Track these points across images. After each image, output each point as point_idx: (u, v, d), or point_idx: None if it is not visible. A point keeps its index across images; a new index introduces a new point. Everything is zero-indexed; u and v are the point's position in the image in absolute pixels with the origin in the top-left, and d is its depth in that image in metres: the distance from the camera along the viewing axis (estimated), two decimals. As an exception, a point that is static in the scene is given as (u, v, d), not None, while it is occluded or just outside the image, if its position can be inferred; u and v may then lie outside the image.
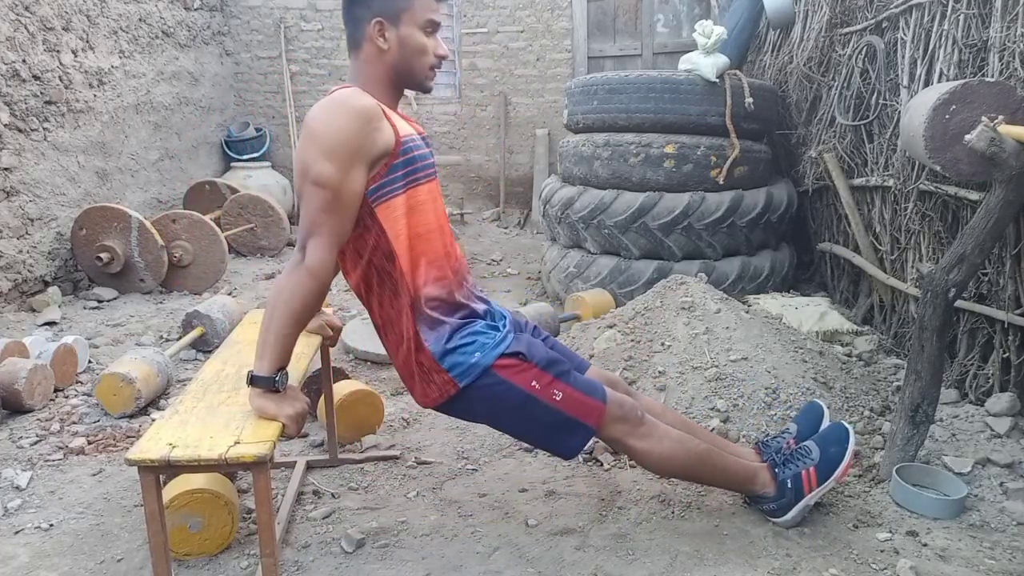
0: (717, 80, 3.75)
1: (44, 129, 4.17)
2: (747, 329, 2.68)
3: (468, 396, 1.72)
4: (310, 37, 6.77)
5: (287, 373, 1.58)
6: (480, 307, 1.83)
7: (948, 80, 2.76)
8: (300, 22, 6.73)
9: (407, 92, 1.82)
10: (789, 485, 1.93)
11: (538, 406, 1.73)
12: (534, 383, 1.72)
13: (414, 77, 1.71)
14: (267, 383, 1.54)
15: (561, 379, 1.75)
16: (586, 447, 2.36)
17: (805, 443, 1.99)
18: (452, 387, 1.71)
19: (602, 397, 1.78)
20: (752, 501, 2.03)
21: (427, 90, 1.76)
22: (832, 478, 1.92)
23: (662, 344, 2.65)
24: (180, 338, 3.41)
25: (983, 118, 1.95)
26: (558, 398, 1.73)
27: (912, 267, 3.11)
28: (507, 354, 1.72)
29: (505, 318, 1.88)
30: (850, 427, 1.98)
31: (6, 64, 3.82)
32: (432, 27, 1.68)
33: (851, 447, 1.93)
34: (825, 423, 2.10)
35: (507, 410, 1.75)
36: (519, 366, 1.72)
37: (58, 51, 4.28)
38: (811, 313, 3.44)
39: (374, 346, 3.30)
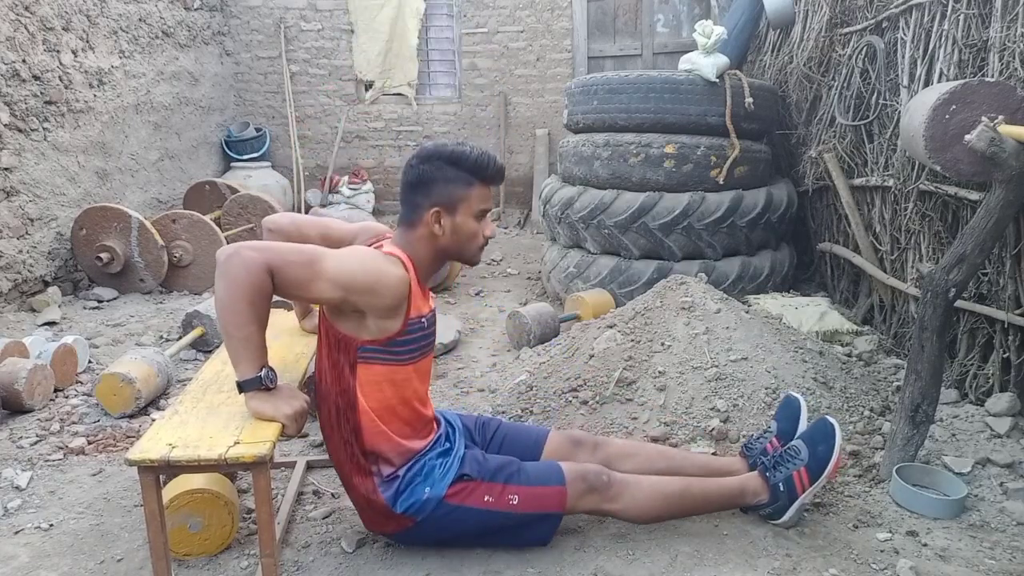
0: (717, 80, 3.75)
1: (44, 129, 4.17)
2: (747, 329, 2.68)
3: (425, 527, 1.78)
4: (310, 37, 6.77)
5: (272, 368, 1.58)
6: (433, 436, 1.87)
7: (948, 80, 2.76)
8: (300, 22, 6.73)
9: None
10: (782, 488, 1.93)
11: (497, 517, 1.78)
12: (487, 498, 1.77)
13: (463, 256, 1.81)
14: (255, 384, 1.55)
15: (512, 482, 1.80)
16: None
17: (793, 443, 1.99)
18: (408, 521, 1.77)
19: (559, 480, 1.81)
20: (746, 509, 2.03)
21: (473, 264, 1.87)
22: (823, 476, 1.92)
23: (662, 344, 2.65)
24: (180, 338, 3.41)
25: (983, 118, 1.95)
26: (515, 502, 1.78)
27: (912, 267, 3.11)
28: (455, 480, 1.77)
29: (455, 430, 1.93)
30: (835, 422, 1.97)
31: (6, 64, 3.82)
32: (484, 214, 1.77)
33: (838, 442, 1.93)
34: (803, 416, 2.09)
35: (467, 531, 1.81)
36: (468, 487, 1.78)
37: (58, 51, 4.28)
38: (811, 313, 3.44)
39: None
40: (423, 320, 1.74)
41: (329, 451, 1.84)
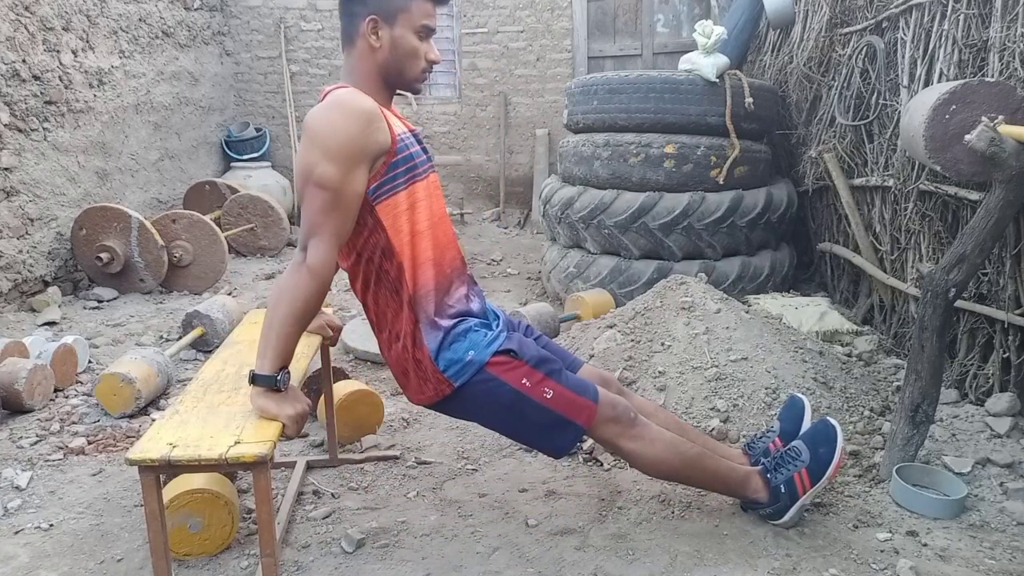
0: (717, 80, 3.75)
1: (44, 129, 4.17)
2: (747, 329, 2.68)
3: (462, 395, 1.73)
4: (310, 37, 6.77)
5: (289, 373, 1.59)
6: (475, 306, 1.84)
7: (948, 80, 2.76)
8: (300, 22, 6.73)
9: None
10: (783, 490, 1.93)
11: (528, 404, 1.74)
12: (524, 381, 1.73)
13: (403, 78, 1.71)
14: (269, 382, 1.55)
15: (552, 377, 1.76)
16: (584, 447, 2.37)
17: (794, 444, 1.99)
18: (447, 386, 1.72)
19: (594, 397, 1.79)
20: (747, 506, 2.03)
21: (416, 91, 1.78)
22: (825, 478, 1.92)
23: (662, 344, 2.65)
24: (180, 338, 3.41)
25: (983, 118, 1.95)
26: (548, 396, 1.74)
27: (912, 267, 3.11)
28: (499, 352, 1.74)
29: (499, 317, 1.89)
30: (836, 423, 1.97)
31: (6, 64, 3.82)
32: (426, 32, 1.69)
33: (840, 444, 1.93)
34: (807, 416, 2.09)
35: (499, 408, 1.76)
36: (510, 363, 1.74)
37: (58, 51, 4.27)
38: (811, 313, 3.44)
39: (374, 346, 3.27)
40: (406, 138, 1.69)
41: (368, 319, 1.79)
